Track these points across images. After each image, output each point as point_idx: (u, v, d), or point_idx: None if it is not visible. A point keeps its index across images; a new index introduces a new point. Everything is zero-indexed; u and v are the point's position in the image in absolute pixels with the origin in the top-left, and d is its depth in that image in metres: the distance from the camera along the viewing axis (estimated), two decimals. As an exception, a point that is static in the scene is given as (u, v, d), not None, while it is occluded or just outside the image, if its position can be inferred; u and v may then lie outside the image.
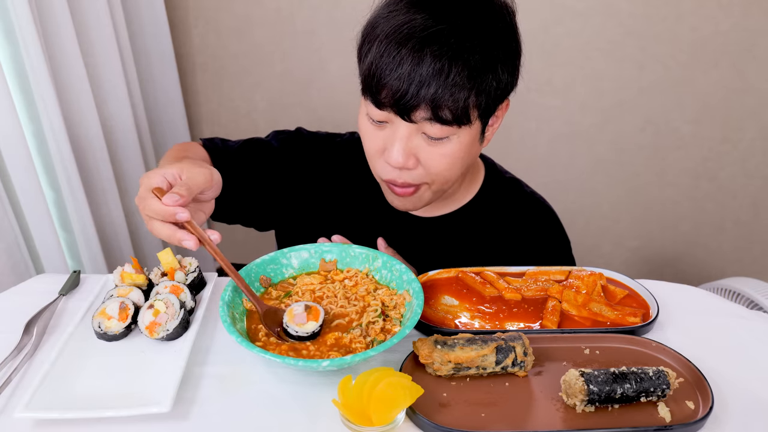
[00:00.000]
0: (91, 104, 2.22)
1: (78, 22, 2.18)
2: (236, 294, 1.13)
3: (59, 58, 2.09)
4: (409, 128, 1.20)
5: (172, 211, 1.05)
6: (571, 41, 2.66)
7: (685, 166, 2.87)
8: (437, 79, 1.11)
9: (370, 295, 1.17)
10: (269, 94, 2.99)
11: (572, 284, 1.23)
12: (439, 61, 1.10)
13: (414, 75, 1.11)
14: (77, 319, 1.14)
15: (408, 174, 1.26)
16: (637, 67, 2.67)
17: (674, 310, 1.21)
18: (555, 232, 1.50)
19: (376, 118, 1.22)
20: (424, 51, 1.10)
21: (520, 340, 1.03)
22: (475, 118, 1.20)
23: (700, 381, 1.00)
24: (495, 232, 1.47)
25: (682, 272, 3.13)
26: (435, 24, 1.11)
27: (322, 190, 1.53)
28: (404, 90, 1.13)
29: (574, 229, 3.08)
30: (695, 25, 2.54)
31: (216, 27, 2.86)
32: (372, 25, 1.19)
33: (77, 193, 2.16)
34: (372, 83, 1.17)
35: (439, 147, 1.22)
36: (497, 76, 1.17)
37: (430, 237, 1.48)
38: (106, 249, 2.46)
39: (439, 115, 1.15)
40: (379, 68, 1.14)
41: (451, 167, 1.26)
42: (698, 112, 2.73)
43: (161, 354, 1.07)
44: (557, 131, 2.88)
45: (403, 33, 1.12)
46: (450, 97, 1.13)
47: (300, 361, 0.96)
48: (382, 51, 1.14)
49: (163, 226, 1.07)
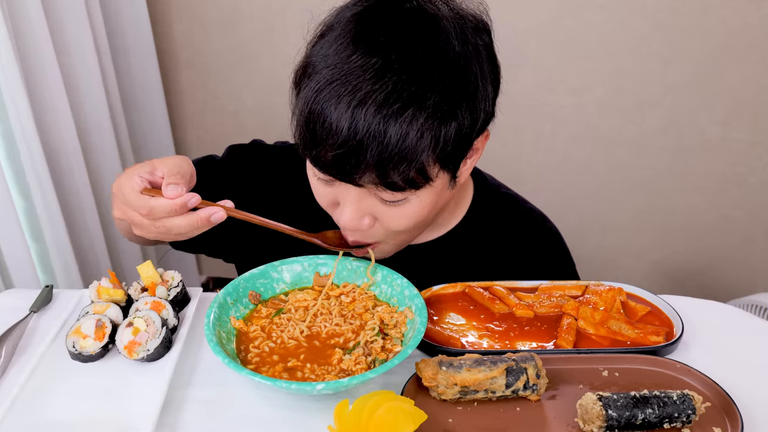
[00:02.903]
0: (65, 105, 2.23)
1: (52, 16, 2.19)
2: (223, 311, 1.13)
3: (32, 56, 2.10)
4: (359, 190, 1.12)
5: (182, 201, 1.06)
6: (588, 34, 2.66)
7: (711, 171, 2.88)
8: (379, 145, 1.02)
9: (369, 312, 1.18)
10: (258, 92, 3.00)
11: (589, 300, 1.24)
12: (380, 123, 1.01)
13: (350, 141, 1.02)
14: (49, 339, 1.14)
15: (362, 234, 1.20)
16: (660, 63, 2.68)
17: (700, 328, 1.21)
18: (557, 254, 1.46)
19: (321, 177, 1.15)
20: (361, 111, 1.01)
21: (532, 361, 1.03)
22: (436, 174, 1.11)
23: (729, 406, 1.00)
24: (488, 257, 1.42)
25: (709, 287, 3.13)
26: (376, 78, 1.02)
27: (285, 210, 1.44)
28: (342, 158, 1.04)
29: (590, 241, 3.08)
30: (724, 17, 2.55)
31: (201, 21, 2.88)
32: (303, 68, 1.13)
33: (50, 201, 2.16)
34: (305, 148, 1.09)
35: (397, 208, 1.14)
36: (458, 123, 1.07)
37: (414, 266, 1.39)
38: (81, 261, 2.46)
39: (388, 183, 1.07)
40: (309, 132, 1.07)
41: (415, 225, 1.19)
42: (726, 112, 2.74)
43: (141, 376, 1.07)
44: (572, 133, 2.88)
45: (336, 89, 1.03)
46: (397, 162, 1.03)
47: (293, 384, 0.96)
48: (311, 111, 1.06)
49: (182, 219, 1.08)
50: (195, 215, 1.08)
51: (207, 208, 1.09)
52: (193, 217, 1.08)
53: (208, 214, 1.08)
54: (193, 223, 1.08)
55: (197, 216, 1.08)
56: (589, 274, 1.49)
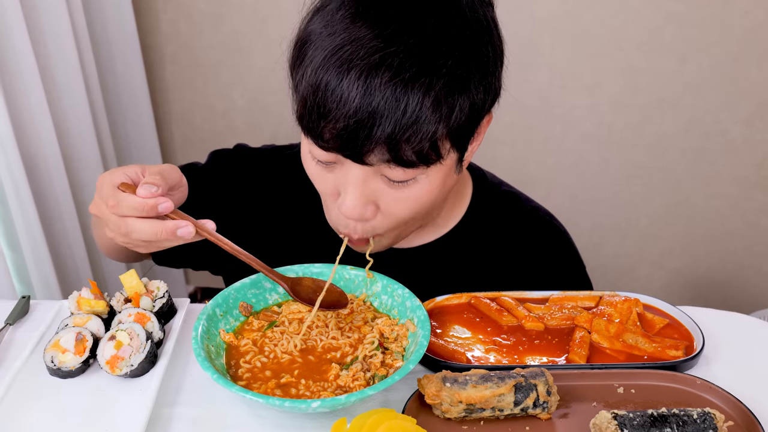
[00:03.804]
0: (42, 102, 2.23)
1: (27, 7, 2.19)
2: (212, 324, 1.13)
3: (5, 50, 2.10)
4: (364, 170, 1.13)
5: (152, 203, 1.04)
6: (601, 29, 2.67)
7: (735, 174, 2.88)
8: (393, 115, 1.03)
9: (368, 324, 1.18)
10: (249, 91, 3.00)
11: (603, 312, 1.24)
12: (394, 92, 1.02)
13: (362, 112, 1.03)
14: (26, 353, 1.14)
15: (363, 227, 1.21)
16: (679, 59, 2.68)
17: (722, 341, 1.21)
18: (566, 256, 1.46)
19: (322, 160, 1.16)
20: (373, 80, 1.02)
21: (542, 377, 1.04)
22: (447, 151, 1.12)
23: (753, 424, 1.00)
24: (491, 259, 1.43)
25: (731, 297, 3.13)
26: (385, 44, 1.03)
27: (272, 215, 1.47)
28: (351, 131, 1.05)
29: (606, 248, 3.09)
30: (746, 8, 2.55)
31: (188, 13, 2.88)
32: (303, 41, 1.12)
33: (26, 206, 2.16)
34: (310, 122, 1.10)
35: (403, 190, 1.15)
36: (471, 97, 1.09)
37: (410, 270, 1.40)
38: (60, 270, 2.46)
39: (400, 158, 1.08)
40: (316, 103, 1.07)
41: (419, 212, 1.20)
42: (751, 111, 2.74)
43: (124, 393, 1.07)
44: (586, 134, 2.89)
45: (344, 57, 1.04)
46: (412, 135, 1.05)
47: (286, 402, 0.96)
48: (318, 80, 1.06)
49: (145, 223, 1.06)
50: (160, 224, 1.06)
51: (177, 222, 1.07)
52: (158, 225, 1.06)
53: (175, 226, 1.06)
54: (156, 232, 1.06)
55: (162, 226, 1.07)
56: (603, 284, 1.49)
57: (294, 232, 1.47)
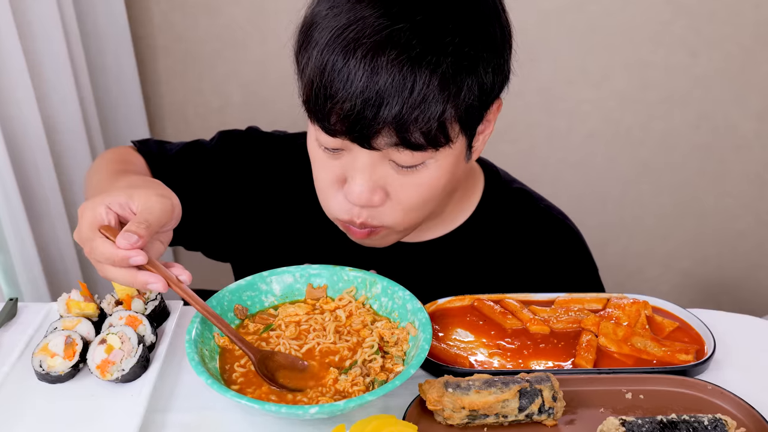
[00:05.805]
0: (30, 97, 2.22)
1: (15, -2, 2.19)
2: (206, 327, 1.13)
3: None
4: (372, 156, 1.15)
5: (123, 255, 1.02)
6: (608, 21, 2.67)
7: (747, 171, 2.88)
8: (400, 95, 1.05)
9: (367, 328, 1.18)
10: (246, 85, 3.00)
11: (611, 315, 1.24)
12: (401, 71, 1.04)
13: (369, 91, 1.05)
14: (14, 357, 1.14)
15: (369, 213, 1.22)
16: (689, 53, 2.68)
17: (734, 345, 1.21)
18: (578, 258, 1.46)
19: (329, 146, 1.18)
20: (380, 59, 1.05)
21: (548, 382, 1.03)
22: (456, 135, 1.14)
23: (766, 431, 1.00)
24: (500, 258, 1.43)
25: (743, 299, 3.13)
26: (391, 22, 1.05)
27: (281, 204, 1.49)
28: (358, 112, 1.07)
29: (612, 248, 3.08)
30: (758, 1, 2.55)
31: (182, 3, 2.87)
32: (309, 24, 1.14)
33: (14, 205, 2.16)
34: (316, 105, 1.11)
35: (412, 176, 1.17)
36: (479, 78, 1.11)
37: (417, 267, 1.42)
38: (49, 272, 2.46)
39: (408, 140, 1.10)
40: (322, 85, 1.09)
41: (428, 199, 1.22)
42: (763, 106, 2.74)
43: (115, 399, 1.07)
44: (592, 130, 2.89)
45: (350, 36, 1.06)
46: (419, 115, 1.07)
47: (283, 408, 0.96)
48: (324, 62, 1.08)
49: (119, 271, 1.05)
50: (133, 276, 1.05)
51: (148, 276, 1.05)
52: (130, 277, 1.05)
53: (145, 282, 1.05)
54: (128, 282, 1.05)
55: (134, 277, 1.05)
56: (611, 286, 1.49)
57: (301, 223, 1.49)
